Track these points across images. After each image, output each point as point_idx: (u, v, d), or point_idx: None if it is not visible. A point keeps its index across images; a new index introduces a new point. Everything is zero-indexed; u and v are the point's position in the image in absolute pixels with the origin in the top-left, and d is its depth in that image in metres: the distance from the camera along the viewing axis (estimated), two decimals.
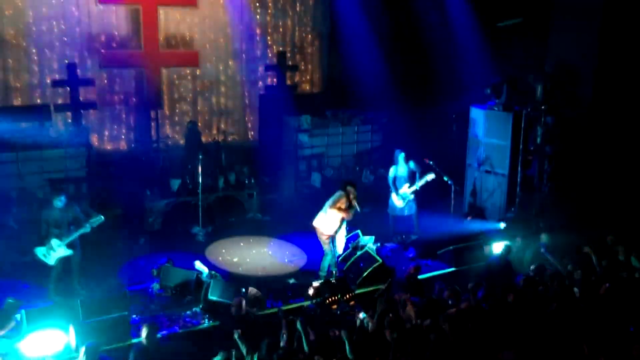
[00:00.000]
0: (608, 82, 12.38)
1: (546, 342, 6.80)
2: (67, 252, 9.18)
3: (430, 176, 11.45)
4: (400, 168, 11.73)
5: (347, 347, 6.88)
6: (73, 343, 7.94)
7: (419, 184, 11.51)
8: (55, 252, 9.10)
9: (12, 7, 13.10)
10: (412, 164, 11.69)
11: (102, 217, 9.31)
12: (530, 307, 7.67)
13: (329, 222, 9.87)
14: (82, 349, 6.86)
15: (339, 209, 9.80)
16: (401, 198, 11.67)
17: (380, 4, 14.92)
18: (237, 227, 12.28)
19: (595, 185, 12.16)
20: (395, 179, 11.76)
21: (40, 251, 9.10)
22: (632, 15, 12.09)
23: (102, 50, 13.65)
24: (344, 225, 10.19)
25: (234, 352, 6.97)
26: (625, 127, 12.23)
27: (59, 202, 9.12)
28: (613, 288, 7.89)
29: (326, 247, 10.00)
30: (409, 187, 11.61)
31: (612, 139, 12.36)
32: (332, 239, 9.97)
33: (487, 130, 12.79)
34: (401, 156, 11.74)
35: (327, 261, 10.14)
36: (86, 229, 9.17)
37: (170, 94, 15.04)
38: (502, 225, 11.98)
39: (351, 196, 9.87)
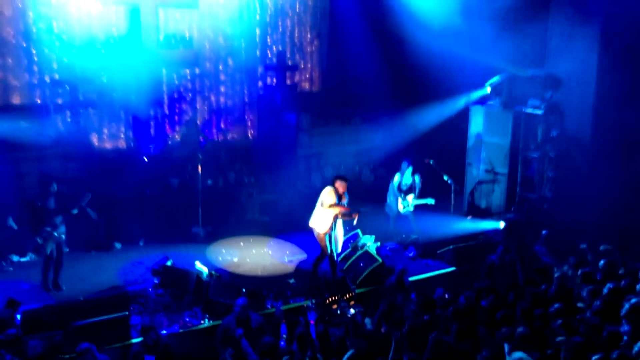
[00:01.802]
0: (609, 81, 12.35)
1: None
2: (60, 240, 9.27)
3: (431, 202, 11.66)
4: (405, 178, 11.80)
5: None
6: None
7: (419, 202, 11.71)
8: (49, 242, 9.14)
9: (11, 7, 13.09)
10: (417, 178, 11.77)
11: (89, 194, 9.37)
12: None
13: (321, 220, 9.75)
14: None
15: (329, 206, 9.66)
16: (405, 205, 11.72)
17: (380, 3, 14.91)
18: (237, 227, 12.27)
19: (594, 186, 12.14)
20: (400, 185, 11.84)
21: (35, 243, 9.17)
22: (633, 14, 12.05)
23: (102, 51, 13.64)
24: (341, 222, 10.09)
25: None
26: (626, 127, 12.20)
27: (52, 189, 9.18)
28: (613, 288, 7.87)
29: (323, 244, 9.89)
30: (413, 199, 11.73)
31: (612, 139, 12.33)
32: (329, 236, 9.83)
33: (487, 129, 12.77)
34: (409, 170, 11.81)
35: (324, 260, 10.08)
36: (74, 211, 9.27)
37: (170, 94, 15.03)
38: (502, 224, 11.98)
39: (340, 190, 9.74)
